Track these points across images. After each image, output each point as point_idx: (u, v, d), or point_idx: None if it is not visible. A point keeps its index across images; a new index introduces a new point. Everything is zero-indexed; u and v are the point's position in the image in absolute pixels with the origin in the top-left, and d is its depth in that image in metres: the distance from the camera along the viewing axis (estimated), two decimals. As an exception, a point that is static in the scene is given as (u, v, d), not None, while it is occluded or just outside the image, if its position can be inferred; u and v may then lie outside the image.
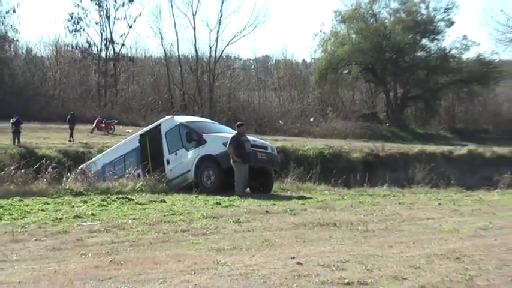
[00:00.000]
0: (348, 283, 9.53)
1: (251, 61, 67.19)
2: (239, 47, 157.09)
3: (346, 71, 58.77)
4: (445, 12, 58.88)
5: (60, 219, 16.66)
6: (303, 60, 66.27)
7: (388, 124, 55.06)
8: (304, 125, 51.50)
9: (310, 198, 22.47)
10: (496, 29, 28.76)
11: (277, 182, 27.25)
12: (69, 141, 48.22)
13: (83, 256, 11.89)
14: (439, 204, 20.34)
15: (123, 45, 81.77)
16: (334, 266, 10.69)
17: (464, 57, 59.12)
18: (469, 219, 16.75)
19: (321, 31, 60.31)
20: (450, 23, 59.19)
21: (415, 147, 43.46)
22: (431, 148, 43.83)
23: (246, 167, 23.77)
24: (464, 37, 58.89)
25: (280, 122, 52.15)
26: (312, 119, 53.91)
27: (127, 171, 26.46)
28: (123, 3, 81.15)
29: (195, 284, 9.44)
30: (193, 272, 10.21)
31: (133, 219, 16.54)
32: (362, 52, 56.22)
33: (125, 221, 16.24)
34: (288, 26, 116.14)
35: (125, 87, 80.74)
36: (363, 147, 41.30)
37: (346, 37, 58.29)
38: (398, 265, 10.83)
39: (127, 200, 20.81)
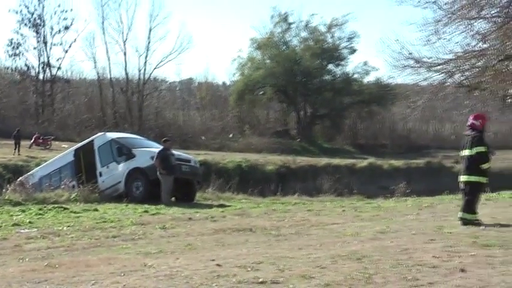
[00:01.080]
0: (262, 282, 9.56)
1: (176, 83, 67.11)
2: (166, 70, 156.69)
3: (262, 92, 59.02)
4: (348, 41, 59.81)
5: (0, 227, 16.48)
6: (223, 82, 66.50)
7: (298, 140, 55.42)
8: (224, 141, 51.57)
9: (229, 206, 22.51)
10: (391, 56, 29.52)
11: (199, 191, 27.21)
12: (17, 154, 47.73)
13: (21, 260, 11.76)
14: (343, 210, 20.50)
15: (59, 68, 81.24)
16: (249, 267, 10.71)
17: (365, 80, 60.20)
18: (369, 224, 16.92)
19: (239, 56, 60.66)
20: (352, 51, 60.13)
21: (323, 160, 43.84)
22: (336, 161, 44.25)
23: (172, 179, 23.90)
24: (365, 63, 59.90)
25: (203, 137, 52.14)
26: (231, 135, 54.01)
27: (63, 182, 26.23)
28: (59, 31, 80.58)
29: (124, 285, 9.37)
30: (122, 274, 10.14)
31: (68, 226, 16.44)
32: (275, 76, 56.59)
33: (60, 228, 16.12)
34: (209, 52, 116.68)
35: (61, 106, 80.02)
36: (277, 161, 41.53)
37: (262, 62, 58.62)
38: (306, 265, 10.89)
39: (62, 209, 20.64)
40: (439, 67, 29.80)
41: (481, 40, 29.06)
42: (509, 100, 28.61)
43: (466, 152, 16.19)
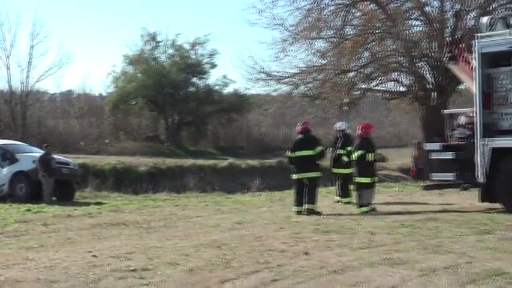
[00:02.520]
0: (133, 270, 9.55)
1: (57, 94, 65.41)
2: (47, 83, 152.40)
3: (134, 102, 58.37)
4: (209, 57, 59.78)
5: None
6: (100, 93, 65.30)
7: (167, 144, 55.11)
8: (101, 145, 50.74)
9: (105, 203, 22.16)
10: (246, 70, 29.86)
11: (78, 191, 26.68)
12: None
13: None
14: (206, 205, 20.51)
15: None
16: (122, 256, 10.66)
17: (225, 91, 60.25)
18: (228, 216, 17.01)
19: (113, 71, 59.61)
20: (213, 66, 60.19)
21: (189, 161, 43.66)
22: (200, 162, 44.12)
23: (52, 180, 23.41)
24: (224, 76, 60.00)
25: (82, 143, 51.15)
26: (107, 141, 53.14)
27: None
28: None
29: (7, 277, 9.15)
30: (5, 267, 9.91)
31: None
32: (146, 88, 56.12)
33: None
34: (87, 67, 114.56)
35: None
36: (148, 162, 41.11)
37: (134, 76, 57.98)
38: (173, 254, 10.91)
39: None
40: (286, 80, 30.32)
41: (320, 57, 29.78)
42: (345, 108, 29.32)
43: (301, 152, 16.68)
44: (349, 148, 18.09)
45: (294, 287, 8.47)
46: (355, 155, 16.58)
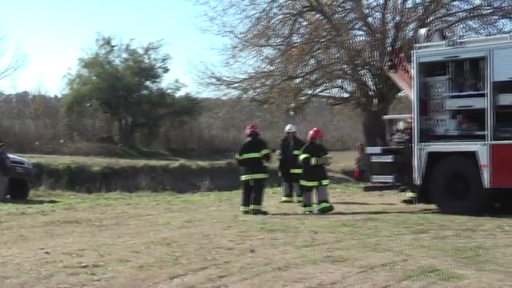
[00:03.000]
0: (85, 266, 9.50)
1: (13, 95, 64.39)
2: (2, 84, 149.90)
3: (89, 104, 57.71)
4: (162, 62, 59.40)
5: None
6: (55, 95, 64.37)
7: (121, 145, 54.61)
8: (56, 146, 50.01)
9: (59, 202, 21.89)
10: (197, 75, 29.82)
11: (32, 189, 26.30)
12: None
13: None
14: (157, 204, 20.46)
15: None
16: (74, 253, 10.57)
17: (177, 95, 59.93)
18: (178, 214, 16.99)
19: (68, 73, 58.85)
20: (166, 70, 59.80)
21: (141, 162, 43.42)
22: (153, 162, 43.90)
23: (7, 179, 23.01)
24: (176, 80, 59.71)
25: (37, 143, 50.40)
26: (62, 141, 52.33)
27: None
28: None
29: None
30: (-41, 263, 9.76)
31: None
32: (100, 90, 55.55)
33: None
34: (43, 69, 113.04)
35: None
36: (101, 162, 40.74)
37: (88, 79, 57.31)
38: (124, 251, 10.86)
39: None
40: (236, 85, 30.37)
41: (268, 63, 29.91)
42: (292, 112, 29.50)
43: (249, 155, 16.76)
44: (296, 152, 18.29)
45: (239, 283, 8.48)
46: (300, 158, 16.71)
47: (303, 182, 16.59)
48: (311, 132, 17.05)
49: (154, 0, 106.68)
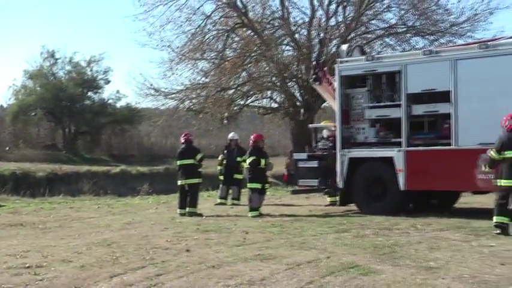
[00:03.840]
0: (28, 267, 9.30)
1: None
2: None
3: (34, 113, 56.69)
4: (103, 74, 58.87)
5: None
6: (1, 105, 63.03)
7: (64, 152, 53.73)
8: (2, 153, 48.91)
9: (4, 206, 21.28)
10: (136, 86, 29.63)
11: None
12: None
13: None
14: (98, 207, 20.13)
15: None
16: (18, 255, 10.34)
17: (118, 105, 59.39)
18: (118, 217, 16.74)
19: (14, 84, 57.81)
20: (107, 82, 59.29)
21: (84, 168, 42.79)
22: (95, 168, 43.31)
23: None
24: (117, 91, 59.59)
25: (-17, 151, 49.28)
26: (7, 148, 51.20)
27: None
28: None
29: None
30: None
31: None
32: (45, 100, 54.62)
33: None
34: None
35: None
36: (46, 168, 40.01)
37: (33, 89, 56.31)
38: (66, 252, 10.67)
39: None
40: (173, 95, 30.23)
41: (203, 76, 29.89)
42: (225, 121, 29.52)
43: (183, 161, 16.70)
44: (239, 158, 18.31)
45: (175, 281, 8.43)
46: (248, 161, 16.52)
47: (253, 185, 16.27)
48: (253, 136, 16.96)
49: (97, 15, 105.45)
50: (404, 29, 29.02)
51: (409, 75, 15.09)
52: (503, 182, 12.05)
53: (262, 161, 16.26)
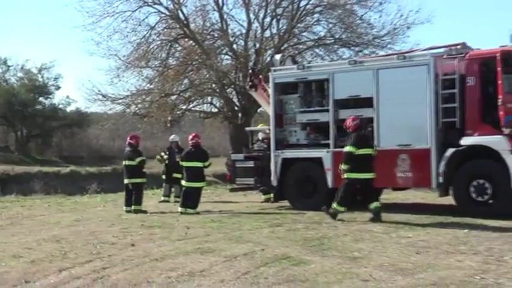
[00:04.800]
0: (-22, 264, 9.04)
1: None
2: None
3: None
4: (54, 80, 57.82)
5: None
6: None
7: (17, 153, 52.52)
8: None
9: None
10: (85, 92, 29.17)
11: None
12: None
13: None
14: (49, 205, 19.73)
15: None
16: (-30, 252, 10.02)
17: (68, 109, 58.40)
18: (68, 214, 16.44)
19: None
20: (58, 87, 58.33)
21: (35, 169, 41.89)
22: (46, 169, 42.43)
23: None
24: (67, 96, 58.47)
25: None
26: (-39, 150, 49.97)
27: None
28: None
29: None
30: None
31: None
32: (-1, 105, 53.51)
33: None
34: None
35: None
36: (-1, 169, 39.12)
37: (-14, 95, 55.05)
38: (17, 248, 10.48)
39: None
40: (120, 101, 29.90)
41: (148, 83, 29.65)
42: (169, 125, 29.31)
43: (127, 162, 16.56)
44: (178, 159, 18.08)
45: (121, 274, 8.34)
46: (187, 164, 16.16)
47: (188, 184, 16.01)
48: (191, 136, 16.67)
49: (49, 24, 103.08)
50: (332, 40, 29.40)
51: (336, 82, 15.25)
52: (353, 175, 13.02)
53: (204, 163, 16.04)
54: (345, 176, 13.15)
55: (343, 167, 13.12)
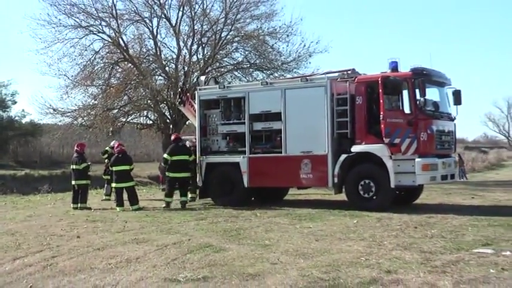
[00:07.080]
0: None
1: None
2: None
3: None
4: (11, 96, 55.29)
5: None
6: None
7: (-24, 159, 50.02)
8: None
9: None
10: (38, 106, 27.97)
11: None
12: None
13: None
14: (5, 203, 18.96)
15: None
16: None
17: (23, 121, 55.94)
18: (22, 211, 15.84)
19: None
20: (14, 102, 55.65)
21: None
22: (2, 172, 40.60)
23: None
24: (23, 110, 56.43)
25: None
26: None
27: None
28: None
29: None
30: None
31: None
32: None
33: None
34: None
35: None
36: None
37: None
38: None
39: None
40: (68, 114, 28.94)
41: (93, 99, 28.94)
42: (111, 134, 28.58)
43: (74, 166, 16.15)
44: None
45: (68, 261, 8.12)
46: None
47: (118, 185, 15.78)
48: (116, 144, 16.58)
49: (6, 48, 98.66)
50: (248, 65, 29.58)
51: (251, 100, 15.37)
52: (171, 175, 15.54)
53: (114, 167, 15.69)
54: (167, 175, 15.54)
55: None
